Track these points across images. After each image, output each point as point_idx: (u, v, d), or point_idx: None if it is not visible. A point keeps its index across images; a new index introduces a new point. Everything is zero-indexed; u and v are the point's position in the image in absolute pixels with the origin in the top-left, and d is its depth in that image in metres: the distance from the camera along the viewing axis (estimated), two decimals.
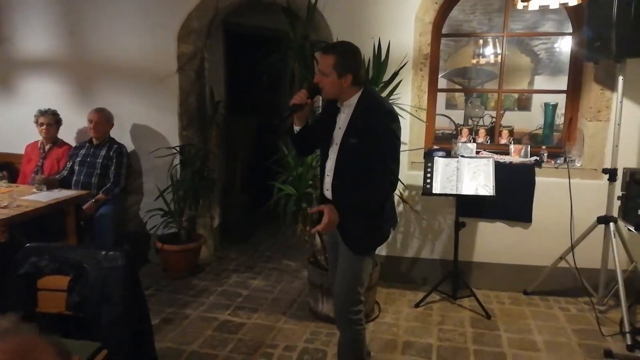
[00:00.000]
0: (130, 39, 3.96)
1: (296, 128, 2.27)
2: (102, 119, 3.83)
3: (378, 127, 2.09)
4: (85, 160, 3.82)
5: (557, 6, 2.83)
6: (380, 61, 3.25)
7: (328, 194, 2.26)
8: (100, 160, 3.80)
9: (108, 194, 3.75)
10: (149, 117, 4.05)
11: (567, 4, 2.82)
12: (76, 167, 3.83)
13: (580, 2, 2.81)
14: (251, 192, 4.82)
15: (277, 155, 3.31)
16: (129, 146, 4.06)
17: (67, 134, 4.13)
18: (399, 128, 2.15)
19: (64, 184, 3.73)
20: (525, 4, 2.82)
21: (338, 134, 2.20)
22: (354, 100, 2.16)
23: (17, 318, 0.79)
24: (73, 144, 4.09)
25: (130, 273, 2.16)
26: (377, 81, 3.27)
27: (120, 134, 4.01)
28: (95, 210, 3.65)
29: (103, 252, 2.25)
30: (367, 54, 3.30)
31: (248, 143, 4.85)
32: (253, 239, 4.80)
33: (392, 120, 2.12)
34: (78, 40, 4.08)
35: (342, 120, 2.19)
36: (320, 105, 2.61)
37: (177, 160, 3.97)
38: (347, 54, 2.12)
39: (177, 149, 3.95)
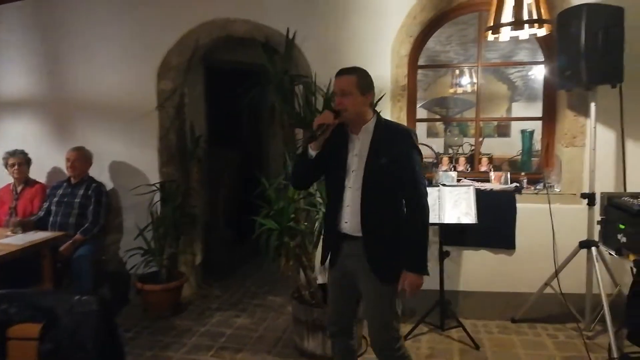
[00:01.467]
0: (109, 77, 3.97)
1: (312, 153, 2.16)
2: (80, 157, 3.78)
3: (404, 145, 2.12)
4: (63, 200, 3.75)
5: (526, 37, 2.92)
6: None
7: (347, 226, 2.17)
8: (79, 200, 3.73)
9: (86, 234, 3.66)
10: (128, 154, 4.01)
11: (536, 34, 2.90)
12: (53, 208, 3.75)
13: (549, 32, 2.89)
14: (235, 227, 4.77)
15: (259, 189, 3.28)
16: (108, 184, 4.01)
17: (45, 173, 4.07)
18: (417, 144, 2.20)
19: (41, 225, 3.65)
20: (496, 35, 2.90)
21: (355, 161, 2.16)
22: (371, 124, 2.17)
23: None
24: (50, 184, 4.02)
25: (105, 318, 2.08)
26: None
27: (99, 172, 3.96)
28: (73, 252, 3.55)
29: (76, 297, 2.16)
30: None
31: (230, 177, 4.82)
32: (237, 275, 4.71)
33: (414, 138, 2.18)
34: (56, 79, 4.07)
35: (359, 146, 2.17)
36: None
37: (157, 197, 3.91)
38: (366, 74, 2.18)
39: (157, 185, 3.90)
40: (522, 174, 3.67)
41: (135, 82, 3.93)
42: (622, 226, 2.63)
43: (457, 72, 7.02)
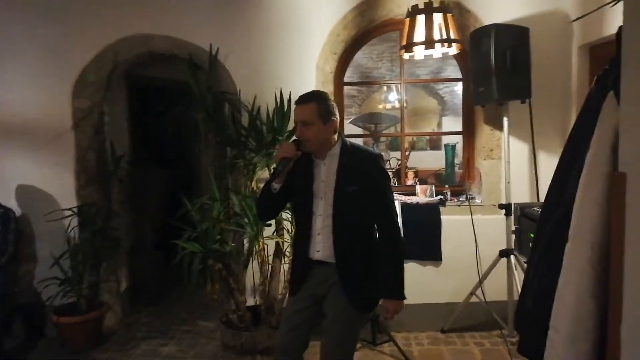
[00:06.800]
0: (19, 94, 3.70)
1: (276, 186, 2.06)
2: None
3: (373, 171, 2.05)
4: None
5: (439, 55, 3.03)
6: (283, 111, 3.27)
7: (319, 255, 2.07)
8: None
9: None
10: (41, 177, 3.73)
11: (448, 53, 3.02)
12: None
13: (459, 51, 3.02)
14: (163, 250, 4.56)
15: (181, 211, 3.16)
16: (18, 210, 3.71)
17: None
18: (386, 168, 2.16)
19: None
20: (412, 53, 2.99)
21: (321, 187, 2.07)
22: (336, 149, 2.08)
23: None
24: None
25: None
26: (282, 131, 3.28)
27: (7, 196, 3.67)
28: None
29: None
30: (271, 104, 3.34)
31: (156, 198, 4.63)
32: (167, 300, 4.50)
33: (382, 161, 2.12)
34: None
35: (325, 172, 2.07)
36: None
37: (75, 222, 3.67)
38: (325, 99, 2.07)
39: (75, 209, 3.67)
40: (446, 186, 3.78)
41: (48, 100, 3.69)
42: (532, 235, 2.75)
43: (385, 88, 7.22)
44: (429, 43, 2.81)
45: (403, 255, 2.15)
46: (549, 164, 3.54)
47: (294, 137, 2.11)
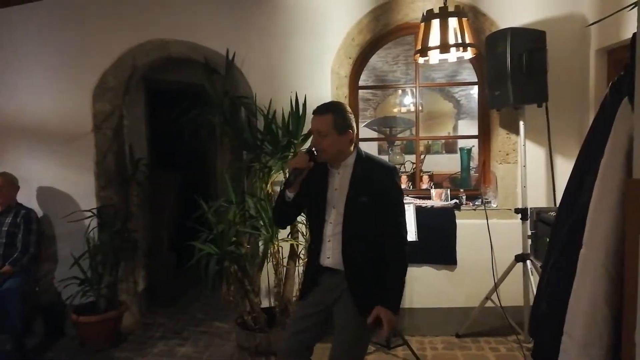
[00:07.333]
0: (41, 97, 3.81)
1: (290, 195, 2.09)
2: (5, 183, 3.57)
3: (386, 183, 2.07)
4: None
5: (454, 59, 3.03)
6: (298, 115, 3.30)
7: (329, 261, 2.10)
8: (6, 228, 3.52)
9: (15, 265, 3.45)
10: (62, 179, 3.84)
11: (463, 57, 3.02)
12: None
13: (474, 55, 3.01)
14: (179, 251, 4.63)
15: (197, 213, 3.20)
16: (41, 211, 3.81)
17: None
18: (400, 182, 2.16)
19: None
20: (427, 58, 3.00)
21: (335, 196, 2.10)
22: (351, 159, 2.11)
23: None
24: None
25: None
26: (296, 134, 3.30)
27: (30, 198, 3.77)
28: (0, 285, 3.34)
29: None
30: (286, 108, 3.37)
31: (173, 200, 4.70)
32: (183, 301, 4.56)
33: (396, 175, 2.15)
34: None
35: (339, 180, 2.11)
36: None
37: (95, 223, 3.75)
38: (342, 111, 2.09)
39: (94, 211, 3.75)
40: (462, 190, 3.76)
41: (69, 104, 3.79)
42: (548, 240, 2.72)
43: (400, 92, 7.21)
44: (444, 47, 2.82)
45: (406, 269, 2.11)
46: (565, 169, 3.48)
47: (309, 147, 2.13)
